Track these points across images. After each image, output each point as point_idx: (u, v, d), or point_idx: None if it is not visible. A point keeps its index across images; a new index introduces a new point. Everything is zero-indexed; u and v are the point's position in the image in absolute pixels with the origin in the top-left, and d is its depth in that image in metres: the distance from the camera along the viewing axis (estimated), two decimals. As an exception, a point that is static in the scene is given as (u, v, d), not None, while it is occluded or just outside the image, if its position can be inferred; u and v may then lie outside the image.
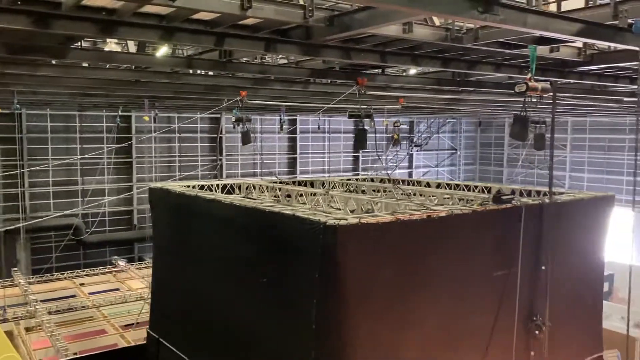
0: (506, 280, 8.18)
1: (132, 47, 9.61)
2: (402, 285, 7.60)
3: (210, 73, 11.98)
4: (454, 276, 8.03)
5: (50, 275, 21.03)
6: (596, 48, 9.07)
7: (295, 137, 33.21)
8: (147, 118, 22.41)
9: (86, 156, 24.72)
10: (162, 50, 9.69)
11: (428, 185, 13.80)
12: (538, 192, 10.98)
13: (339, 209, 10.01)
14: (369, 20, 6.28)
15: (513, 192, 10.01)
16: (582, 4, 7.45)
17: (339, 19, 6.49)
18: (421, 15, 6.75)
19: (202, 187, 11.88)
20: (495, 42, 7.85)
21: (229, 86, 13.22)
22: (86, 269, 21.98)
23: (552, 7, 7.34)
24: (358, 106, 11.68)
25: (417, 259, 7.77)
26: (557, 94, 12.90)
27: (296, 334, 7.68)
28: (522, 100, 7.76)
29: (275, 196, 12.09)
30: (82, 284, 20.06)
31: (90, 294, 18.87)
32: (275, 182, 13.13)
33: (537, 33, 7.26)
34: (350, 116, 11.20)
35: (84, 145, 26.31)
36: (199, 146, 29.92)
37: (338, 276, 7.14)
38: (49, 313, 16.47)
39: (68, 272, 21.21)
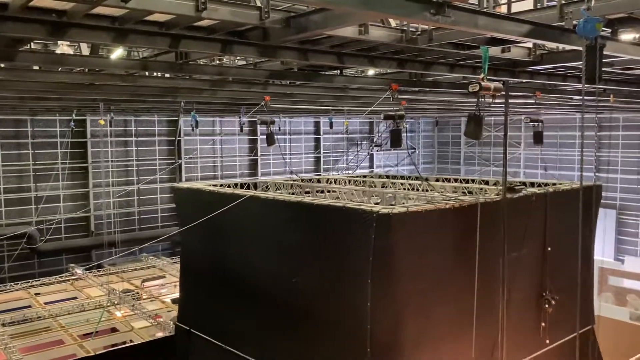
0: (520, 260, 9.27)
1: (85, 49, 9.38)
2: (440, 265, 8.76)
3: (167, 75, 11.81)
4: (480, 257, 9.05)
5: (4, 285, 20.31)
6: (545, 48, 9.39)
7: (256, 138, 33.05)
8: (102, 122, 21.91)
9: (39, 162, 23.96)
10: (117, 53, 9.49)
11: (427, 180, 15.19)
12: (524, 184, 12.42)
13: (377, 202, 11.17)
14: (324, 21, 6.33)
15: (524, 184, 11.35)
16: (531, 6, 7.73)
17: (295, 20, 6.52)
18: (376, 17, 6.84)
19: (222, 187, 12.80)
20: (449, 43, 8.04)
21: (186, 88, 13.07)
22: (41, 278, 21.33)
23: (504, 9, 7.58)
24: (392, 108, 12.93)
25: (451, 242, 8.98)
26: (510, 93, 13.28)
27: (352, 312, 8.62)
28: (476, 99, 7.99)
29: (292, 193, 12.97)
30: (37, 294, 19.47)
31: (46, 303, 18.33)
32: (295, 180, 14.36)
33: (489, 34, 7.48)
34: (385, 117, 11.76)
35: (37, 151, 25.50)
36: (157, 149, 29.41)
37: (390, 259, 8.28)
38: (3, 325, 15.93)
39: (22, 282, 20.53)
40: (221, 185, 12.96)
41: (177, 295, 19.35)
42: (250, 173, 33.05)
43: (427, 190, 12.07)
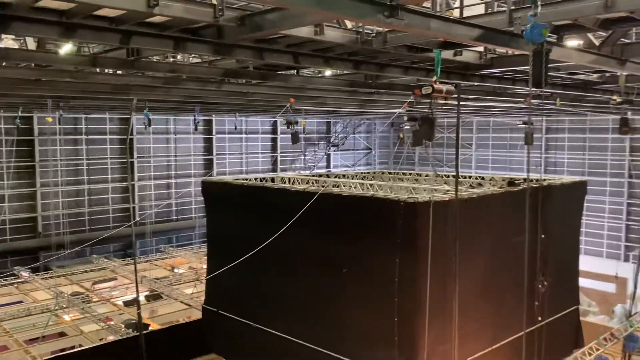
0: (519, 245, 10.29)
1: (31, 43, 9.02)
2: (457, 248, 10.01)
3: (119, 72, 11.51)
4: (490, 241, 10.63)
5: (-57, 290, 19.34)
6: (496, 53, 9.65)
7: (212, 137, 32.65)
8: (50, 119, 21.15)
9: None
10: (66, 48, 9.16)
11: (427, 175, 17.34)
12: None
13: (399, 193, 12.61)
14: (280, 21, 6.30)
15: (524, 179, 13.07)
16: (482, 11, 7.93)
17: (251, 19, 6.46)
18: (330, 18, 6.86)
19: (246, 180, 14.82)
20: (403, 45, 8.15)
21: (139, 85, 12.77)
22: (-16, 282, 20.42)
23: (456, 13, 7.74)
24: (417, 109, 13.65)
25: (467, 228, 10.33)
26: (462, 96, 13.62)
27: (381, 288, 10.22)
28: (429, 101, 8.13)
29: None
30: (-21, 298, 18.63)
31: (-11, 308, 17.55)
32: (311, 176, 16.36)
33: (441, 38, 7.63)
34: (409, 119, 12.39)
35: (-20, 149, 24.42)
36: (109, 148, 28.63)
37: (415, 242, 9.68)
38: (-58, 331, 15.15)
39: (-37, 286, 19.61)
40: (245, 179, 15.07)
41: (129, 297, 18.96)
42: (205, 173, 32.63)
43: (442, 183, 14.12)
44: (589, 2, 5.85)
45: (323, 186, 14.56)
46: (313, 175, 16.74)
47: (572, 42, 8.03)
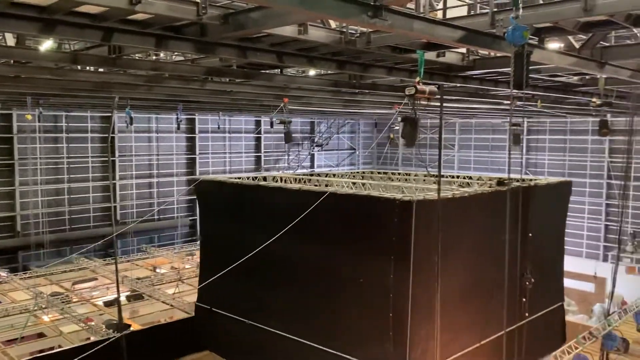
0: (508, 243, 10.47)
1: (10, 39, 8.87)
2: (449, 245, 10.42)
3: (100, 69, 11.38)
4: (480, 239, 10.89)
5: None
6: (478, 54, 9.73)
7: (194, 136, 32.45)
8: (29, 116, 20.83)
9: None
10: (46, 44, 9.03)
11: (417, 175, 17.79)
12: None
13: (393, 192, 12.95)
14: (264, 19, 6.29)
15: (510, 179, 13.33)
16: (465, 13, 7.99)
17: (234, 17, 6.43)
18: (314, 17, 6.86)
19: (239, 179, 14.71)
20: (387, 46, 8.19)
21: (120, 83, 12.64)
22: (-39, 282, 20.02)
23: (440, 14, 7.79)
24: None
25: (459, 226, 10.92)
26: (445, 97, 13.74)
27: (377, 283, 10.43)
28: (412, 102, 8.17)
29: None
30: (-44, 299, 18.27)
31: (-35, 308, 17.21)
32: (303, 175, 16.69)
33: (424, 39, 7.68)
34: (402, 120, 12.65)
35: (-43, 146, 23.98)
36: (90, 146, 28.28)
37: (410, 239, 9.87)
38: None
39: (-61, 286, 19.20)
40: (238, 178, 15.03)
41: (110, 297, 18.75)
42: (187, 172, 32.42)
43: (431, 183, 14.25)
44: (569, 5, 5.93)
45: (316, 185, 15.08)
46: (305, 175, 16.98)
47: (553, 44, 8.15)
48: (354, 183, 14.27)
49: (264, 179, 16.11)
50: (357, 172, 19.58)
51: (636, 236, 29.10)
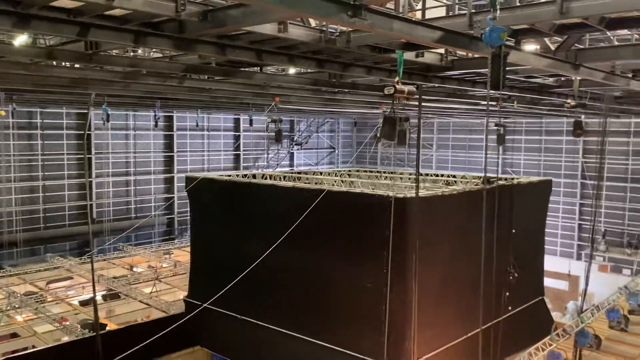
0: (492, 240, 10.96)
1: (-18, 33, 8.68)
2: (440, 240, 11.11)
3: (76, 65, 11.19)
4: (466, 235, 11.04)
5: None
6: (456, 55, 9.82)
7: (172, 134, 32.13)
8: (3, 112, 20.35)
9: None
10: (21, 39, 8.83)
11: (402, 174, 18.54)
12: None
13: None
14: (243, 17, 6.25)
15: (496, 178, 14.05)
16: (443, 13, 8.06)
17: (213, 14, 6.38)
18: (294, 16, 6.86)
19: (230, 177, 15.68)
20: (367, 45, 8.21)
21: (97, 79, 12.45)
22: None
23: (419, 15, 7.84)
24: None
25: (448, 222, 11.51)
26: (423, 97, 13.87)
27: (373, 276, 10.95)
28: (391, 102, 8.22)
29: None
30: None
31: None
32: (293, 174, 17.31)
33: (403, 39, 7.72)
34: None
35: None
36: (65, 143, 27.80)
37: (404, 233, 10.42)
38: None
39: None
40: (228, 176, 15.70)
41: (86, 296, 18.48)
42: (165, 170, 32.10)
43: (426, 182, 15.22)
44: (545, 7, 6.02)
45: (307, 182, 15.58)
46: (294, 173, 17.72)
47: (529, 46, 8.26)
48: (343, 181, 14.60)
49: (254, 176, 16.44)
50: (345, 171, 19.83)
51: (607, 235, 29.75)
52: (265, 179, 16.14)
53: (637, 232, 29.27)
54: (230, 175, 15.61)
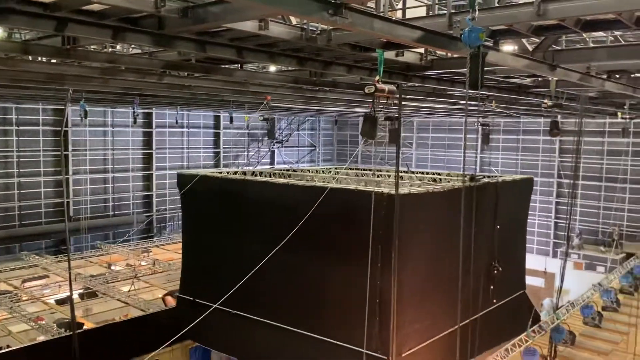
0: (478, 235, 11.29)
1: (-45, 27, 8.49)
2: (428, 235, 11.53)
3: (53, 60, 11.01)
4: (454, 230, 11.04)
5: None
6: (436, 54, 9.91)
7: (151, 131, 31.80)
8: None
9: None
10: (-4, 33, 8.67)
11: (388, 172, 18.90)
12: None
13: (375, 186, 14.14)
14: (224, 14, 6.22)
15: (481, 176, 14.60)
16: (423, 13, 8.12)
17: (193, 10, 6.33)
18: (275, 13, 6.85)
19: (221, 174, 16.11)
20: (347, 44, 8.24)
21: (74, 75, 12.27)
22: None
23: (399, 14, 7.89)
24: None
25: (436, 218, 11.84)
26: (403, 96, 13.97)
27: (359, 270, 11.22)
28: (371, 100, 8.27)
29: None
30: None
31: None
32: (288, 171, 17.82)
33: (384, 38, 7.76)
34: (385, 119, 13.25)
35: None
36: (41, 140, 27.33)
37: (391, 229, 10.69)
38: None
39: None
40: (219, 173, 15.93)
41: (62, 295, 18.22)
42: (144, 167, 31.76)
43: (405, 179, 15.56)
44: (523, 8, 6.11)
45: (299, 179, 15.89)
46: (284, 170, 18.03)
47: (508, 47, 8.38)
48: (334, 178, 15.08)
49: (244, 173, 16.76)
50: (334, 168, 20.13)
51: (582, 233, 30.31)
52: (256, 176, 16.40)
53: (610, 230, 29.89)
54: (221, 173, 15.92)
